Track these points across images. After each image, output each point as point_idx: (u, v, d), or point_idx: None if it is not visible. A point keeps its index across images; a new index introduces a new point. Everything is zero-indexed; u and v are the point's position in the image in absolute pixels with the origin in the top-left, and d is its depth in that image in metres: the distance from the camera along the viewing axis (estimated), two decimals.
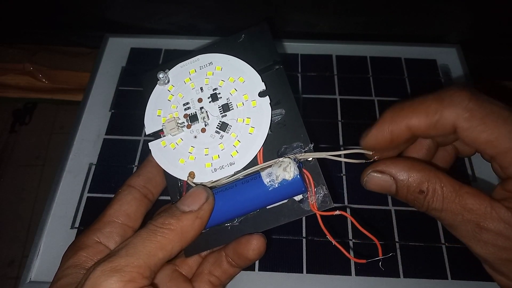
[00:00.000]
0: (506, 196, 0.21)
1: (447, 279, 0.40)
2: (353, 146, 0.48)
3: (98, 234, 0.26)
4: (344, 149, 0.25)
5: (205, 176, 0.26)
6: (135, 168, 0.47)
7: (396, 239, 0.42)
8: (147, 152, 0.49)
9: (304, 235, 0.42)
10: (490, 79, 0.61)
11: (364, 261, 0.24)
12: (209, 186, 0.25)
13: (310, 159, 0.25)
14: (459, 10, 0.54)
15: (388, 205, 0.44)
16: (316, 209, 0.24)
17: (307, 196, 0.25)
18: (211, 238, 0.26)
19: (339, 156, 0.25)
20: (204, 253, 0.29)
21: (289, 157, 0.24)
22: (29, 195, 0.59)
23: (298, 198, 0.25)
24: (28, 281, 0.40)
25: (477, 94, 0.21)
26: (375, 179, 0.23)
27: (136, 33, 0.58)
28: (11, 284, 0.54)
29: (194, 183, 0.26)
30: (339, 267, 0.40)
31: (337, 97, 0.52)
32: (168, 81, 0.28)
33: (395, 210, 0.44)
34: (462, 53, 0.56)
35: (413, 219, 0.43)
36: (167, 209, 0.24)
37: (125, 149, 0.49)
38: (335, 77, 0.54)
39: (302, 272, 0.40)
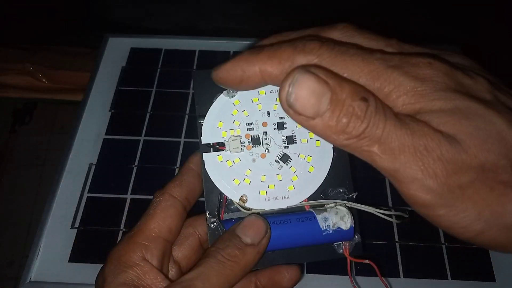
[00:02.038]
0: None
1: (447, 279, 0.40)
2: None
3: (143, 250, 0.24)
4: (393, 209, 0.25)
5: (258, 203, 0.25)
6: (135, 169, 0.47)
7: (396, 239, 0.42)
8: (147, 151, 0.49)
9: None
10: None
11: None
12: (257, 213, 0.25)
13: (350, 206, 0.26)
14: (460, 11, 0.54)
15: (388, 205, 0.44)
16: (348, 254, 0.25)
17: (342, 241, 0.25)
18: None
19: (390, 216, 0.25)
20: None
21: (344, 207, 0.25)
22: (29, 195, 0.59)
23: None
24: (28, 281, 0.40)
25: (330, 41, 0.19)
26: (308, 81, 0.17)
27: (136, 33, 0.58)
28: (11, 284, 0.54)
29: (244, 207, 0.25)
30: (339, 267, 0.40)
31: None
32: (235, 95, 0.27)
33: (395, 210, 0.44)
34: (462, 53, 0.56)
35: (413, 219, 0.43)
36: (229, 237, 0.23)
37: (125, 149, 0.48)
38: None
39: (302, 272, 0.40)
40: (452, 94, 0.18)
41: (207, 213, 0.25)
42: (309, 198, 0.26)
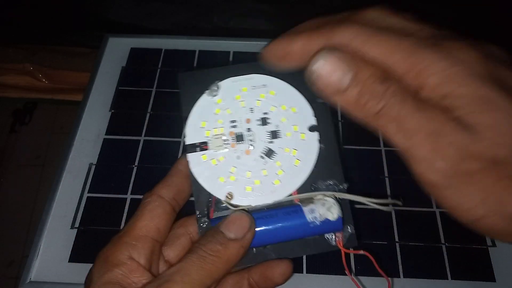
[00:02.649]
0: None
1: (447, 279, 0.40)
2: (354, 146, 0.48)
3: (130, 250, 0.24)
4: (382, 198, 0.25)
5: (244, 199, 0.25)
6: (135, 169, 0.47)
7: (396, 239, 0.42)
8: (147, 151, 0.49)
9: None
10: None
11: None
12: (244, 209, 0.25)
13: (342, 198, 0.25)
14: (459, 10, 0.54)
15: (388, 205, 0.44)
16: (342, 246, 0.25)
17: (335, 233, 0.25)
18: None
19: (384, 205, 0.25)
20: None
21: (331, 197, 0.24)
22: (29, 195, 0.59)
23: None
24: (28, 281, 0.40)
25: (367, 22, 0.20)
26: (332, 61, 0.19)
27: (136, 33, 0.58)
28: (11, 284, 0.54)
29: (231, 204, 0.25)
30: (339, 267, 0.40)
31: None
32: (217, 94, 0.27)
33: (395, 210, 0.44)
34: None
35: (413, 219, 0.43)
36: (213, 233, 0.23)
37: (125, 149, 0.48)
38: None
39: (302, 272, 0.40)
40: (480, 81, 0.18)
41: (197, 212, 0.25)
42: (299, 192, 0.25)
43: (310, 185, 0.26)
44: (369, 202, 0.24)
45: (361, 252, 0.25)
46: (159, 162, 0.48)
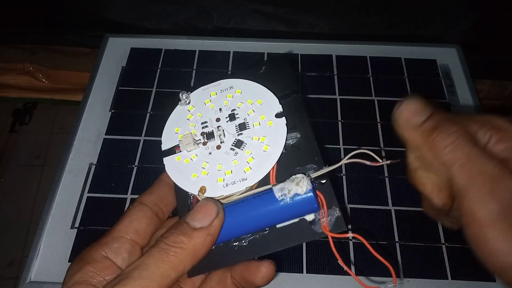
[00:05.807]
0: None
1: (447, 279, 0.40)
2: (353, 146, 0.48)
3: (105, 249, 0.25)
4: (349, 157, 0.25)
5: (217, 191, 0.25)
6: (135, 168, 0.47)
7: (396, 239, 0.42)
8: (147, 152, 0.49)
9: None
10: (490, 79, 0.61)
11: None
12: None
13: (324, 181, 0.25)
14: (459, 10, 0.54)
15: (388, 205, 0.44)
16: (328, 230, 0.23)
17: (319, 218, 0.24)
18: (217, 258, 0.25)
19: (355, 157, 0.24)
20: None
21: (302, 173, 0.24)
22: (29, 195, 0.59)
23: (309, 218, 0.24)
24: (28, 281, 0.40)
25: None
26: (415, 103, 0.22)
27: (136, 33, 0.59)
28: (11, 284, 0.54)
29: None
30: (339, 267, 0.40)
31: (337, 97, 0.52)
32: (189, 102, 0.29)
33: (395, 210, 0.44)
34: (462, 53, 0.56)
35: (413, 219, 0.43)
36: (177, 225, 0.23)
37: (125, 149, 0.49)
38: (335, 77, 0.54)
39: (302, 272, 0.40)
40: None
41: (180, 214, 0.26)
42: (278, 179, 0.25)
43: (288, 175, 0.25)
44: (341, 163, 0.24)
45: (350, 235, 0.23)
46: (159, 162, 0.47)
